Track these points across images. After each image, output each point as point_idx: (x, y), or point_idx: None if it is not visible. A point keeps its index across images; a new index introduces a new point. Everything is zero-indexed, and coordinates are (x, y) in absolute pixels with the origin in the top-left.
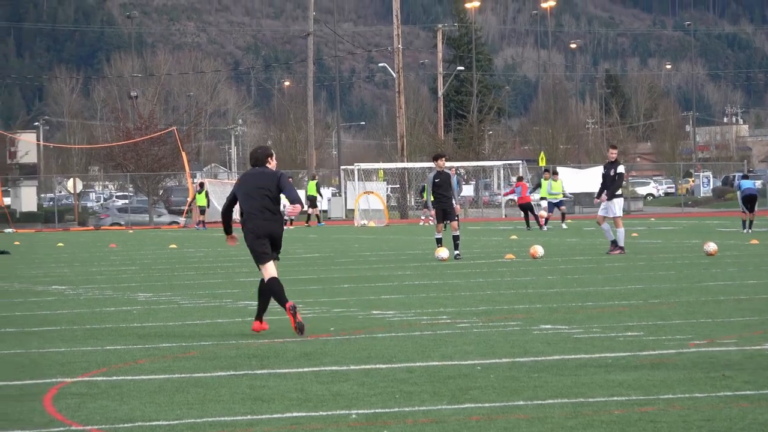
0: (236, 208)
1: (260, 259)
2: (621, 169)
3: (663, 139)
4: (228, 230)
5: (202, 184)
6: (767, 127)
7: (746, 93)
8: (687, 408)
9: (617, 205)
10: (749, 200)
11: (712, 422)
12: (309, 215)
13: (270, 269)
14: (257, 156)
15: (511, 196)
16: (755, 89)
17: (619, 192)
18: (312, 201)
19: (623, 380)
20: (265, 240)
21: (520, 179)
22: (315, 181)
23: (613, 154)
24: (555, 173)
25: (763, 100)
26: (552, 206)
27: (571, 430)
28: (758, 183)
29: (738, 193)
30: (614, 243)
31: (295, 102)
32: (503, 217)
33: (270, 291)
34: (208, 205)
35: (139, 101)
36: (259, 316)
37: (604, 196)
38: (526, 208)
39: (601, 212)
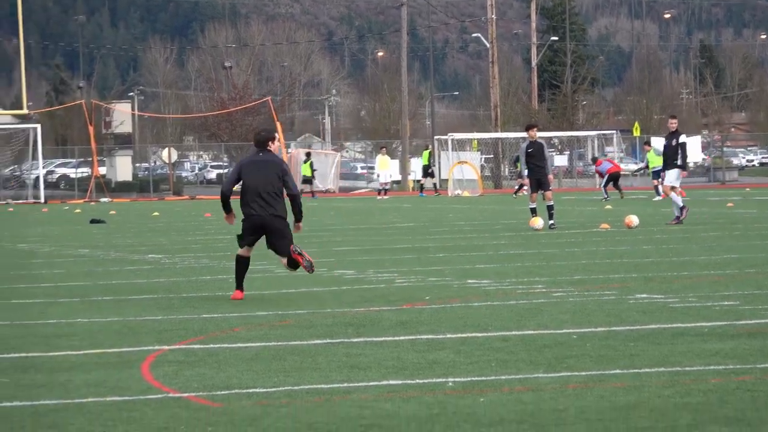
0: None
1: (240, 243)
2: (683, 138)
3: (758, 109)
4: (227, 209)
5: (308, 154)
6: None
7: None
8: None
9: (673, 175)
10: None
11: None
12: (422, 185)
13: (244, 251)
14: (260, 138)
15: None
16: None
17: (679, 162)
18: (425, 170)
19: (720, 349)
20: (258, 232)
21: (594, 159)
22: (428, 151)
23: (673, 124)
24: (647, 143)
25: None
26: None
27: (668, 399)
28: None
29: None
30: (679, 215)
31: (389, 72)
32: (597, 187)
33: (237, 264)
34: (313, 176)
35: (233, 71)
36: (239, 286)
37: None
38: (616, 177)
39: (667, 183)
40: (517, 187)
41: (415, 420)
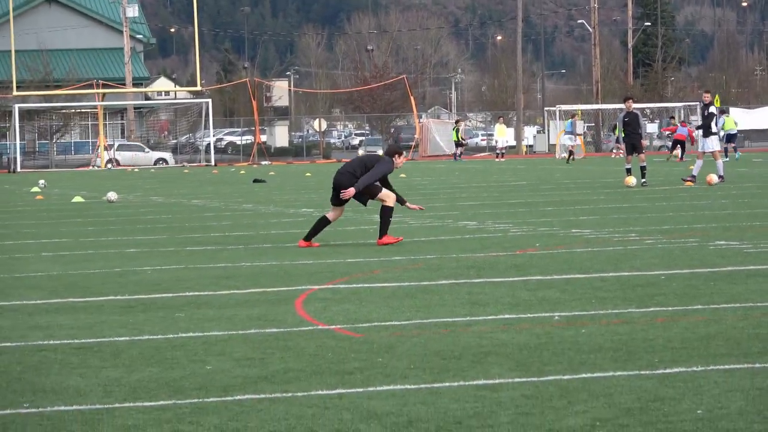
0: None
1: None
2: (712, 109)
3: None
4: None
5: (458, 121)
6: None
7: None
8: None
9: (713, 141)
10: None
11: None
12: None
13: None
14: (389, 149)
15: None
16: None
17: (714, 129)
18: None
19: None
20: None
21: (681, 121)
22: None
23: (706, 97)
24: (724, 111)
25: None
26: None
27: (742, 330)
28: None
29: None
30: (693, 177)
31: (506, 53)
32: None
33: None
34: (460, 140)
35: (374, 54)
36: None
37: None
38: (679, 142)
39: (700, 149)
40: (614, 151)
41: (526, 348)
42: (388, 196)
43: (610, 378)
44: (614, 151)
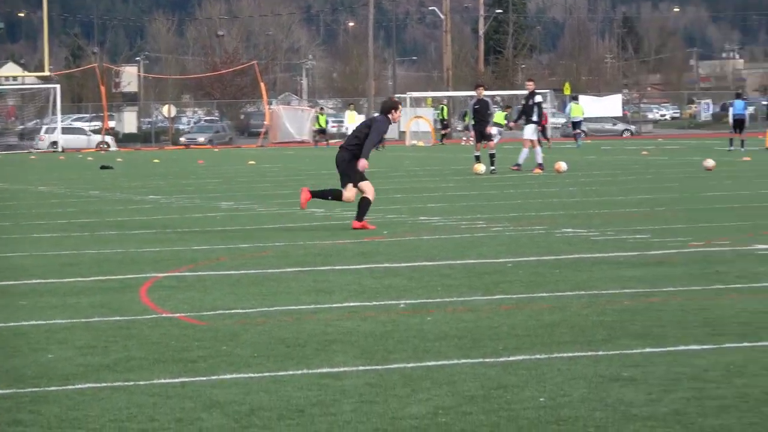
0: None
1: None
2: (538, 98)
3: (671, 71)
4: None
5: (322, 109)
6: (760, 62)
7: (742, 32)
8: (685, 299)
9: (529, 130)
10: (738, 123)
11: (707, 311)
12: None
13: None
14: (384, 105)
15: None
16: (750, 29)
17: (535, 119)
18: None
19: (632, 275)
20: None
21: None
22: (443, 106)
23: (530, 85)
24: (574, 99)
25: (757, 38)
26: (575, 125)
27: (587, 318)
28: (750, 109)
29: (731, 110)
30: (519, 165)
31: (357, 40)
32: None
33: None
34: (324, 128)
35: (224, 39)
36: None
37: (520, 122)
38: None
39: (526, 137)
40: (464, 138)
41: (371, 336)
42: (368, 188)
43: (454, 366)
44: (464, 138)
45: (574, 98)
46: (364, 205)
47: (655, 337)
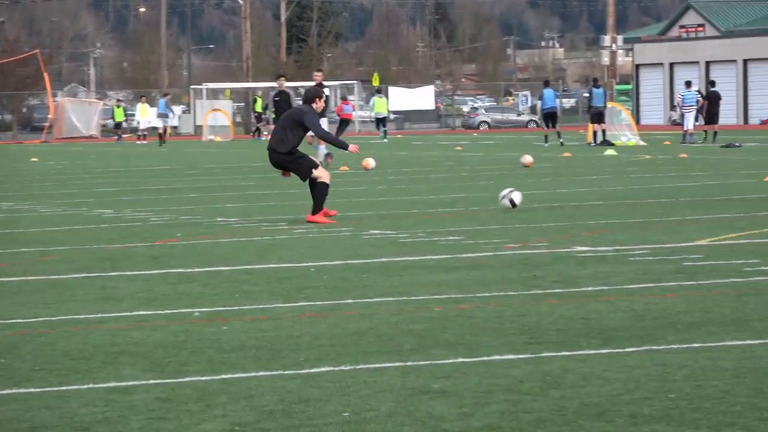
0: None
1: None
2: (326, 91)
3: (486, 61)
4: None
5: (120, 101)
6: (581, 50)
7: (562, 19)
8: (501, 305)
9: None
10: (549, 117)
11: (524, 317)
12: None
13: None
14: (306, 95)
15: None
16: (570, 16)
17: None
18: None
19: (444, 280)
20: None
21: (344, 99)
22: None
23: (318, 77)
24: (378, 92)
25: (578, 26)
26: (378, 122)
27: (396, 326)
28: (572, 100)
29: (539, 104)
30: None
31: (150, 27)
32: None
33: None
34: (122, 122)
35: (5, 26)
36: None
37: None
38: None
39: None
40: (265, 133)
41: (162, 347)
42: (323, 173)
43: (252, 378)
44: (265, 133)
45: (378, 91)
46: (319, 194)
47: (468, 346)
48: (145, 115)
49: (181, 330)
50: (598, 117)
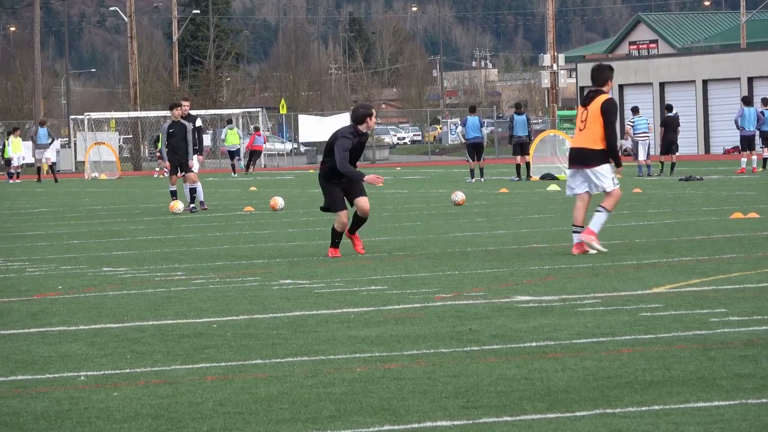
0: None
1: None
2: (199, 122)
3: (409, 84)
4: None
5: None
6: (517, 71)
7: (495, 36)
8: (432, 364)
9: (197, 162)
10: (474, 148)
11: (458, 378)
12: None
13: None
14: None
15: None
16: (504, 32)
17: (197, 147)
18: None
19: (366, 336)
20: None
21: (257, 129)
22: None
23: (186, 106)
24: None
25: (513, 43)
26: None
27: (311, 389)
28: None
29: (459, 130)
30: (201, 203)
31: (21, 48)
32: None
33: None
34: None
35: None
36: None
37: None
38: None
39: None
40: (157, 170)
41: (43, 417)
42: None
43: None
44: (158, 169)
45: (229, 122)
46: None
47: (395, 412)
48: (19, 151)
49: (65, 397)
50: (521, 148)
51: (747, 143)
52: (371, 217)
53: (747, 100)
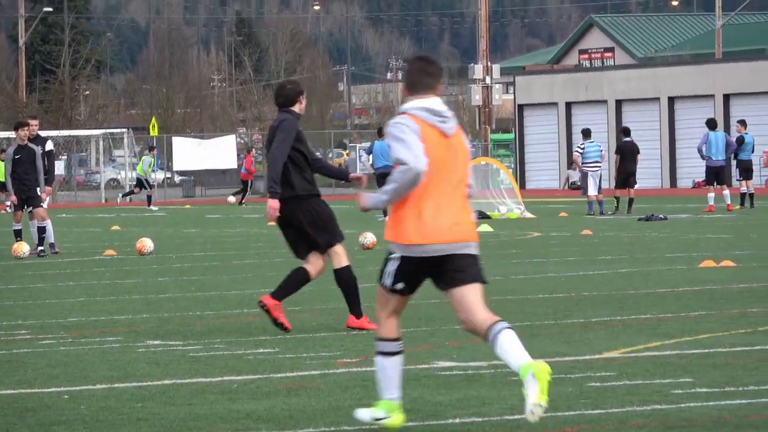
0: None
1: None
2: (49, 145)
3: (310, 100)
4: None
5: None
6: (442, 85)
7: (416, 41)
8: None
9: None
10: (384, 179)
11: None
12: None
13: None
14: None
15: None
16: (428, 36)
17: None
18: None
19: (252, 410)
20: None
21: (249, 150)
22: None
23: (34, 126)
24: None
25: (437, 50)
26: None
27: None
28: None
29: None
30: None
31: None
32: (103, 202)
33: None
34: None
35: None
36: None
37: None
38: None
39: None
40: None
41: None
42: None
43: None
44: (7, 204)
45: (151, 148)
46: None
47: None
48: None
49: None
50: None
51: (715, 175)
52: (260, 264)
53: (712, 124)
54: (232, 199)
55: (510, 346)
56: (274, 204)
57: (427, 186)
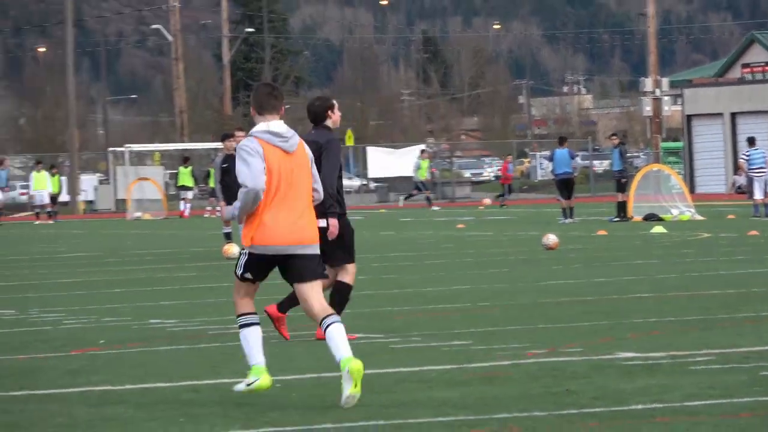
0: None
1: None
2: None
3: (492, 112)
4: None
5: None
6: (614, 97)
7: (589, 57)
8: (525, 429)
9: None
10: (564, 184)
11: None
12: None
13: None
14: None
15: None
16: (599, 53)
17: None
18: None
19: (449, 398)
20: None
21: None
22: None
23: (240, 136)
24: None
25: (609, 65)
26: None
27: None
28: (604, 164)
29: (549, 165)
30: None
31: (53, 72)
32: None
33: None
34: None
35: None
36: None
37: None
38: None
39: None
40: (209, 209)
41: None
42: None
43: None
44: (209, 208)
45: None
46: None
47: None
48: (43, 188)
49: None
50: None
51: None
52: (450, 263)
53: None
54: (488, 200)
55: (337, 339)
56: (335, 222)
57: (274, 196)
